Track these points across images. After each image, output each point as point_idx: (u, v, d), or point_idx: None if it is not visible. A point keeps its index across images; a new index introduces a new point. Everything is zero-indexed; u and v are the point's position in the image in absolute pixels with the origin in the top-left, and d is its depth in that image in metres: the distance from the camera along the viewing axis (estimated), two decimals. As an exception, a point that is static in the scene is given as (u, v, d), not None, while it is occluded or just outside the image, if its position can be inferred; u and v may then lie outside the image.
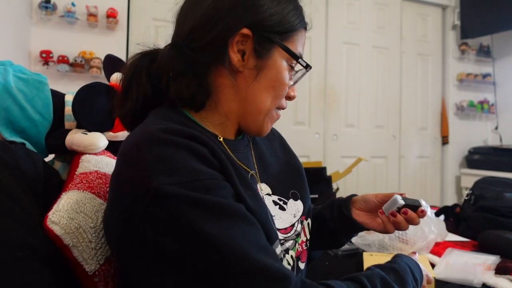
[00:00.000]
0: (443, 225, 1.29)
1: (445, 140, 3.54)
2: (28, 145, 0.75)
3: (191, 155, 0.49)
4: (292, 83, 0.64)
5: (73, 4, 2.28)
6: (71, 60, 2.27)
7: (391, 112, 3.32)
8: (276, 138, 0.80)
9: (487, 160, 3.25)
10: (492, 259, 1.02)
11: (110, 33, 2.41)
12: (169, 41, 0.65)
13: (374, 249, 1.13)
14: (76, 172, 0.73)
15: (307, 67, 0.63)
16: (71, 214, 0.62)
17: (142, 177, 0.48)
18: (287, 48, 0.61)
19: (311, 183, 1.66)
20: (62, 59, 2.25)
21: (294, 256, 0.63)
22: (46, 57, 2.22)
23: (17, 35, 2.05)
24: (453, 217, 1.52)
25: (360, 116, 3.21)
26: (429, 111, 3.51)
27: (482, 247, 1.16)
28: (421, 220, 1.21)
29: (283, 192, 0.69)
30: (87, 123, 0.78)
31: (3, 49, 1.77)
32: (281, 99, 0.63)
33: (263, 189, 0.66)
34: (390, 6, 3.29)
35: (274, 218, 0.63)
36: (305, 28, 0.66)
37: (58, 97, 0.82)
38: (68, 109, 0.81)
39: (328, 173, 1.78)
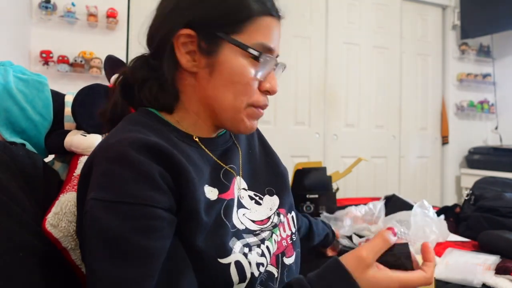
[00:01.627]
0: (445, 225, 1.29)
1: (445, 140, 3.54)
2: (28, 146, 0.75)
3: (135, 174, 0.49)
4: (259, 76, 0.61)
5: (73, 4, 2.28)
6: (71, 60, 2.27)
7: (391, 112, 3.32)
8: (255, 135, 0.80)
9: (487, 160, 3.25)
10: (492, 259, 1.02)
11: (110, 33, 2.41)
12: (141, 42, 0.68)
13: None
14: (74, 174, 0.73)
15: (260, 56, 0.59)
16: (70, 217, 0.62)
17: (89, 188, 0.51)
18: (234, 40, 0.58)
19: (311, 183, 1.66)
20: (62, 59, 2.25)
21: (270, 247, 0.62)
22: (46, 57, 2.22)
23: (17, 35, 2.05)
24: (453, 217, 1.52)
25: (360, 116, 3.20)
26: (429, 111, 3.51)
27: (482, 247, 1.16)
28: (423, 220, 1.21)
29: (259, 188, 0.70)
30: (86, 125, 0.78)
31: (3, 49, 1.77)
32: (247, 94, 0.60)
33: (240, 183, 0.67)
34: (390, 6, 3.29)
35: (249, 211, 0.65)
36: (271, 15, 0.61)
37: (58, 98, 0.82)
38: (68, 110, 0.81)
39: (328, 173, 1.78)
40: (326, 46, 3.07)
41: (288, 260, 0.67)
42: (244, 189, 0.67)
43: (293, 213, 0.73)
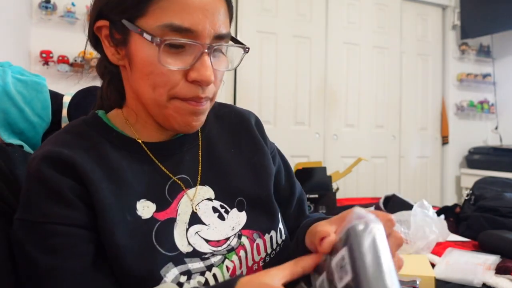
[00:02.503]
0: (445, 225, 1.29)
1: (445, 140, 3.54)
2: (26, 147, 0.75)
3: (45, 191, 0.49)
4: (168, 64, 0.50)
5: (73, 4, 2.28)
6: (71, 60, 2.27)
7: (391, 112, 3.32)
8: (246, 131, 0.68)
9: (487, 160, 3.25)
10: (492, 259, 1.02)
11: (110, 33, 2.41)
12: None
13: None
14: None
15: (153, 40, 0.49)
16: None
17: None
18: (133, 26, 0.50)
19: (312, 183, 1.66)
20: (62, 59, 2.25)
21: (219, 275, 0.54)
22: (46, 57, 2.22)
23: (17, 35, 2.05)
24: (453, 217, 1.52)
25: (360, 116, 3.20)
26: (429, 111, 3.51)
27: (482, 247, 1.16)
28: (422, 220, 1.21)
29: (229, 198, 0.60)
30: None
31: (3, 49, 1.77)
32: (166, 86, 0.51)
33: (202, 193, 0.59)
34: (390, 6, 3.29)
35: (207, 227, 0.56)
36: None
37: (56, 98, 0.82)
38: (65, 111, 0.81)
39: (328, 173, 1.78)
40: (326, 46, 3.07)
41: None
42: (209, 199, 0.59)
43: (272, 233, 0.61)
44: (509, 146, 3.26)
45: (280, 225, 0.64)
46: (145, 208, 0.53)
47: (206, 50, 0.51)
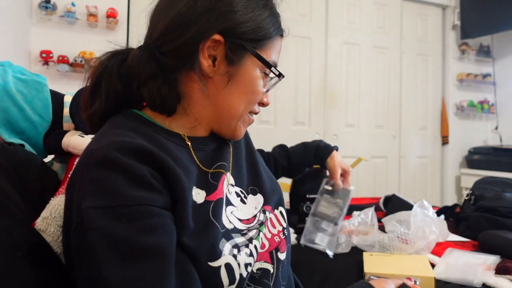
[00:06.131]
0: (445, 225, 1.29)
1: (445, 140, 3.54)
2: (27, 146, 0.76)
3: (126, 177, 0.48)
4: (265, 90, 0.65)
5: (73, 4, 2.28)
6: (71, 60, 2.27)
7: (391, 112, 3.32)
8: (247, 137, 0.81)
9: (487, 160, 3.25)
10: (492, 259, 1.01)
11: (110, 33, 2.41)
12: (142, 41, 0.64)
13: (374, 249, 1.13)
14: (69, 175, 0.72)
15: (280, 76, 0.65)
16: (59, 221, 0.61)
17: (78, 197, 0.49)
18: (260, 56, 0.61)
19: (312, 183, 1.66)
20: (62, 59, 2.25)
21: (258, 246, 0.62)
22: (46, 57, 2.22)
23: (17, 35, 2.05)
24: (453, 217, 1.51)
25: (360, 116, 3.20)
26: (429, 111, 3.51)
27: (482, 247, 1.16)
28: (422, 220, 1.21)
29: (243, 186, 0.69)
30: (84, 126, 0.78)
31: (3, 49, 1.77)
32: (254, 105, 0.65)
33: (229, 179, 0.66)
34: (390, 6, 3.29)
35: (236, 209, 0.64)
36: (282, 36, 0.67)
37: (57, 98, 0.82)
38: (66, 110, 0.81)
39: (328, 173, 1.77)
40: (326, 46, 3.07)
41: (282, 256, 0.67)
42: (232, 185, 0.66)
43: (281, 209, 0.72)
44: (509, 146, 3.26)
45: (281, 208, 0.74)
46: (197, 195, 0.57)
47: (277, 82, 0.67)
